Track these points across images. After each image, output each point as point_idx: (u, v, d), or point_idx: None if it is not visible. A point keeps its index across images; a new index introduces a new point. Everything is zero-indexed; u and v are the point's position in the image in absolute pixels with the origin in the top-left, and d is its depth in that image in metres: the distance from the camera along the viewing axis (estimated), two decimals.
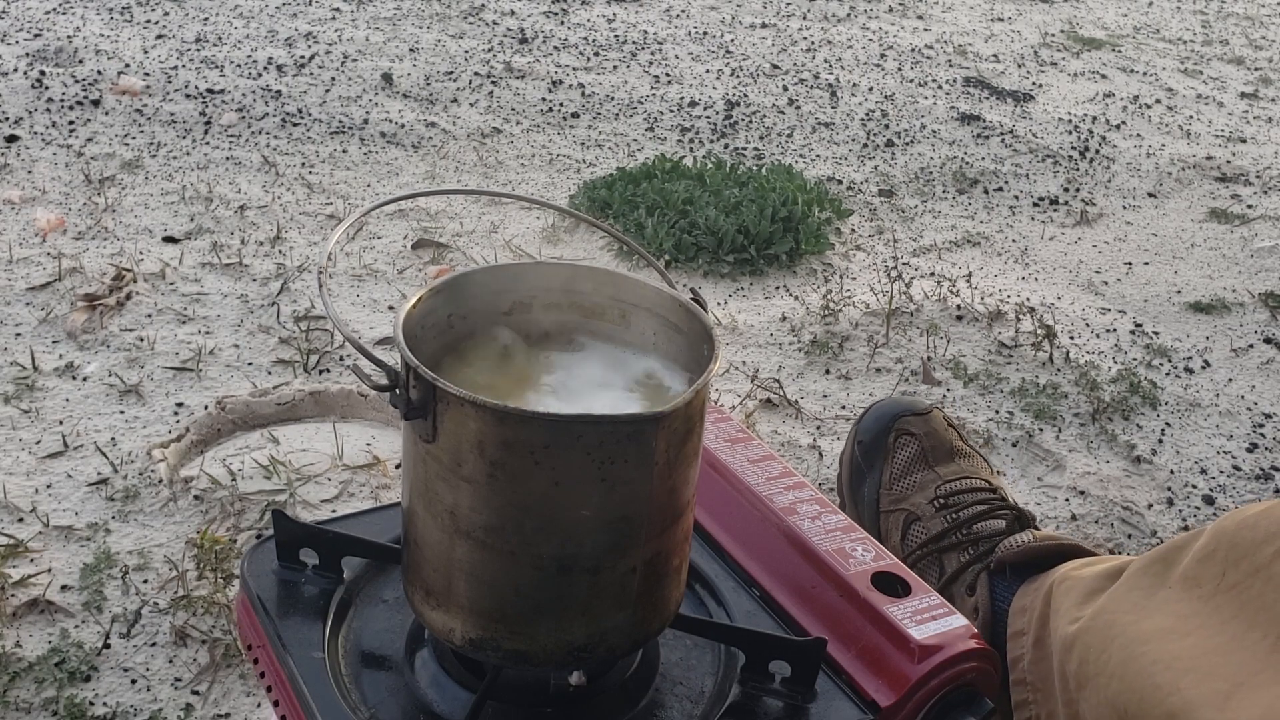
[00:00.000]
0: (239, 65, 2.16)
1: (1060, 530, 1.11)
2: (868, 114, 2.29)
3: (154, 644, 0.88)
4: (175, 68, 2.12)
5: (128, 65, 2.11)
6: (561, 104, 2.17)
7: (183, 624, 0.89)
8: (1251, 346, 1.51)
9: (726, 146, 2.07)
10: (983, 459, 0.93)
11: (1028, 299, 1.53)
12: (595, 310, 0.64)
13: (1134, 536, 1.12)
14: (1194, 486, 1.20)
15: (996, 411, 1.28)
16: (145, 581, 0.93)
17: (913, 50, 2.78)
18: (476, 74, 2.27)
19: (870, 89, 2.45)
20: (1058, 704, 0.72)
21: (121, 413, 1.14)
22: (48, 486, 1.03)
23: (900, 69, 2.62)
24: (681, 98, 2.28)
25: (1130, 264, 1.76)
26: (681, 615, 0.63)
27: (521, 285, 0.64)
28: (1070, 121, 2.35)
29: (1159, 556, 0.69)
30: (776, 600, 0.70)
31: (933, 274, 1.61)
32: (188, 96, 2.00)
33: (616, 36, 2.62)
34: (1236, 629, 0.61)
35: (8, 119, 1.85)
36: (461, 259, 1.53)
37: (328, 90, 2.11)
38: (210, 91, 2.04)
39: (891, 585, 0.69)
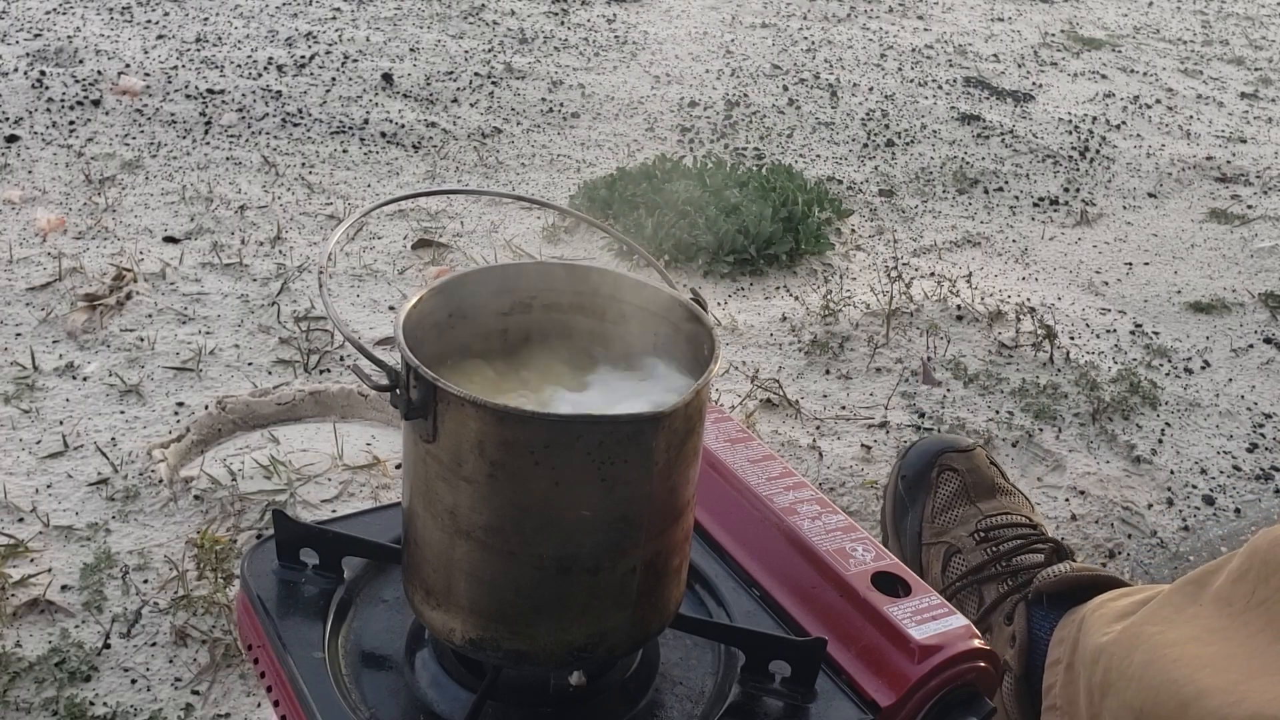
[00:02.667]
0: (239, 65, 2.16)
1: (1060, 531, 1.11)
2: (868, 114, 2.29)
3: (154, 644, 0.88)
4: (175, 68, 2.12)
5: (128, 65, 2.11)
6: (562, 104, 2.17)
7: (183, 624, 0.89)
8: (1251, 346, 1.51)
9: (726, 147, 2.07)
10: (1024, 497, 0.94)
11: (1028, 299, 1.53)
12: (595, 310, 0.64)
13: (1134, 536, 1.12)
14: (1194, 486, 1.20)
15: (997, 412, 1.28)
16: (145, 581, 0.93)
17: (913, 50, 2.78)
18: (477, 74, 2.27)
19: (870, 89, 2.45)
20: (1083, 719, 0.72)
21: (122, 413, 1.14)
22: (48, 486, 1.03)
23: (900, 69, 2.62)
24: (681, 98, 2.28)
25: (1130, 264, 1.76)
26: (681, 615, 0.63)
27: (521, 285, 0.63)
28: (1070, 121, 2.35)
29: (1193, 578, 0.70)
30: (776, 600, 0.70)
31: (933, 274, 1.61)
32: (188, 96, 2.00)
33: (617, 36, 2.62)
34: (1262, 641, 0.61)
35: (8, 119, 1.85)
36: (462, 259, 1.53)
37: (328, 90, 2.11)
38: (210, 91, 2.04)
39: (891, 585, 0.69)
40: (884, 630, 0.66)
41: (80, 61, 2.11)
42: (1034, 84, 2.61)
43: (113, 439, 1.10)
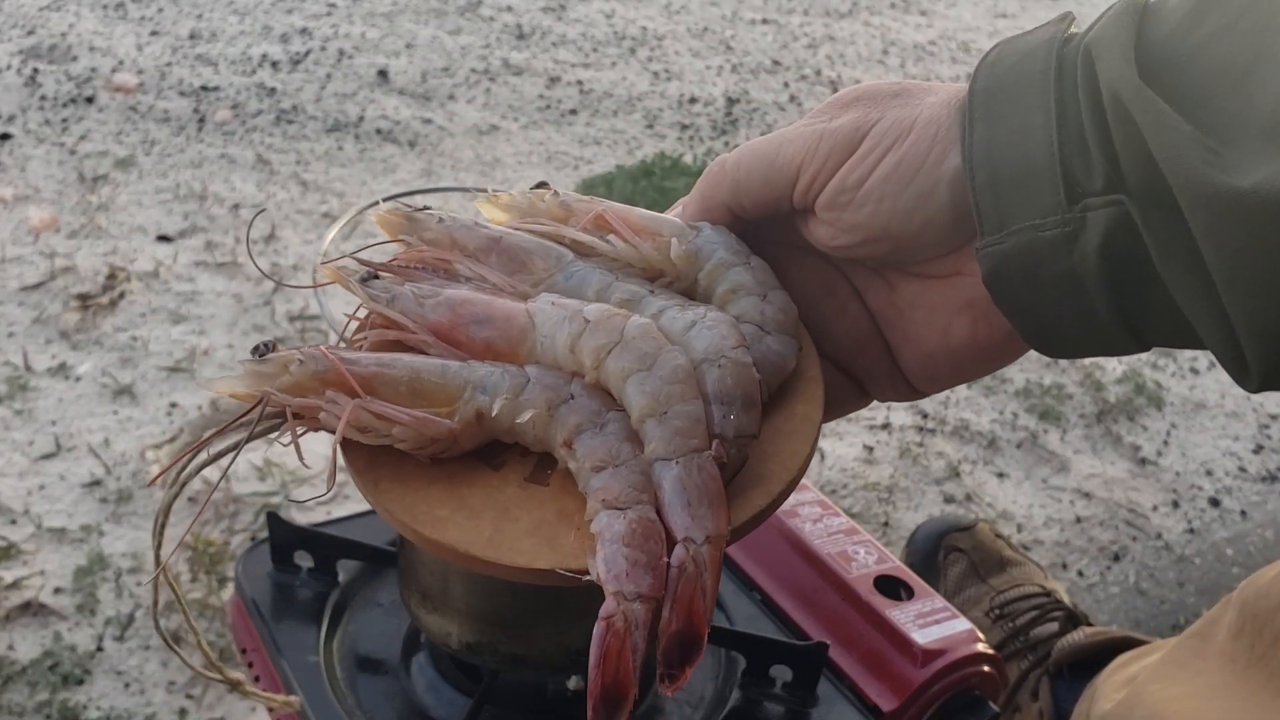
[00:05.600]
0: (233, 62, 2.15)
1: (1065, 534, 1.10)
2: None
3: (147, 647, 0.87)
4: (169, 64, 2.11)
5: (121, 62, 2.09)
6: (559, 100, 2.16)
7: (176, 627, 0.88)
8: None
9: (727, 144, 2.06)
10: (1034, 564, 0.94)
11: None
12: None
13: (1139, 539, 1.11)
14: (1199, 488, 1.20)
15: (1001, 413, 1.27)
16: (139, 584, 0.92)
17: (915, 46, 2.77)
18: (473, 70, 2.26)
19: None
20: None
21: (115, 413, 1.13)
22: (40, 488, 1.02)
23: (903, 65, 2.61)
24: (681, 94, 2.27)
25: None
26: None
27: None
28: None
29: (1195, 632, 0.70)
30: (778, 604, 0.69)
31: None
32: (181, 93, 1.99)
33: (615, 32, 2.61)
34: (1265, 697, 0.61)
35: (1, 116, 1.84)
36: None
37: (323, 87, 2.10)
38: (204, 88, 2.03)
39: (894, 589, 0.68)
40: (887, 634, 0.65)
41: (74, 58, 2.09)
42: None
43: (105, 440, 1.08)
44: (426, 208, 0.48)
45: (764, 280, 0.46)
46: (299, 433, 0.42)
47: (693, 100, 2.25)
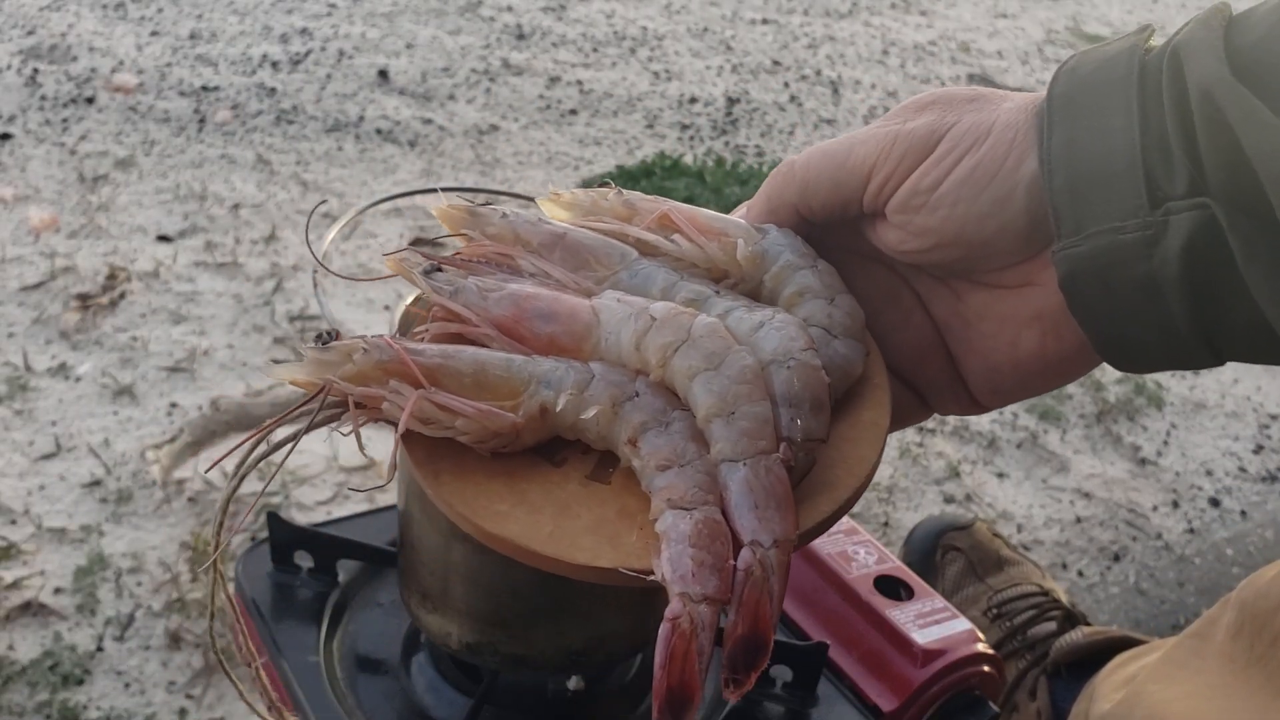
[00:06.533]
0: (233, 62, 2.15)
1: (1065, 534, 1.10)
2: (870, 111, 2.28)
3: (147, 647, 0.87)
4: (169, 64, 2.11)
5: (121, 62, 2.09)
6: (559, 100, 2.16)
7: (176, 627, 0.88)
8: None
9: (727, 144, 2.06)
10: (1032, 564, 0.94)
11: None
12: None
13: (1139, 539, 1.11)
14: (1199, 488, 1.20)
15: (1001, 413, 1.27)
16: (139, 584, 0.92)
17: (915, 47, 2.77)
18: (473, 70, 2.26)
19: (873, 86, 2.44)
20: None
21: (115, 413, 1.13)
22: (40, 488, 1.02)
23: (903, 65, 2.61)
24: (681, 94, 2.27)
25: None
26: None
27: None
28: None
29: (1194, 632, 0.70)
30: None
31: None
32: (181, 94, 1.99)
33: (615, 32, 2.61)
34: (1264, 698, 0.61)
35: (1, 117, 1.84)
36: None
37: (323, 87, 2.09)
38: (204, 88, 2.03)
39: (894, 589, 0.68)
40: (887, 634, 0.65)
41: (74, 59, 2.09)
42: (1038, 81, 2.60)
43: (106, 440, 1.08)
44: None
45: (831, 284, 0.46)
46: (359, 422, 0.41)
47: (693, 100, 2.25)
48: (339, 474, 1.05)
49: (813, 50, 2.66)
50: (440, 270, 0.45)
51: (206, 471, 1.03)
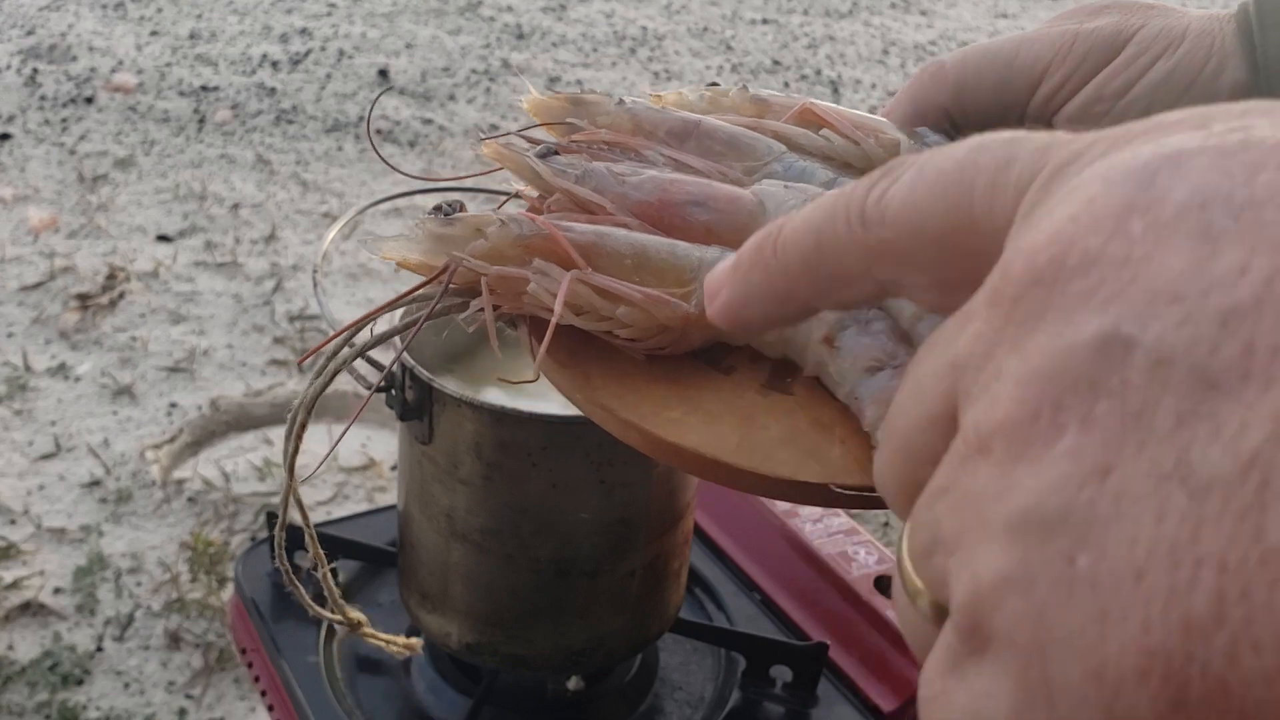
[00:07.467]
0: (233, 62, 2.15)
1: None
2: (870, 111, 2.28)
3: (147, 647, 0.87)
4: (169, 64, 2.11)
5: (121, 62, 2.09)
6: None
7: (176, 627, 0.88)
8: None
9: None
10: None
11: None
12: None
13: None
14: None
15: None
16: (138, 584, 0.92)
17: (915, 46, 2.77)
18: (473, 70, 2.26)
19: (873, 85, 2.44)
20: None
21: (114, 413, 1.13)
22: (40, 488, 1.02)
23: (903, 65, 2.61)
24: None
25: None
26: (681, 619, 0.62)
27: None
28: None
29: None
30: (778, 604, 0.69)
31: None
32: (181, 94, 1.99)
33: (615, 32, 2.61)
34: None
35: (0, 116, 1.84)
36: None
37: (323, 87, 2.09)
38: (204, 88, 2.02)
39: None
40: (887, 634, 0.65)
41: (73, 59, 2.09)
42: None
43: (105, 440, 1.08)
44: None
45: None
46: (495, 311, 0.34)
47: None
48: (339, 474, 1.05)
49: (813, 50, 2.66)
50: (556, 154, 0.39)
51: (300, 362, 1.03)
